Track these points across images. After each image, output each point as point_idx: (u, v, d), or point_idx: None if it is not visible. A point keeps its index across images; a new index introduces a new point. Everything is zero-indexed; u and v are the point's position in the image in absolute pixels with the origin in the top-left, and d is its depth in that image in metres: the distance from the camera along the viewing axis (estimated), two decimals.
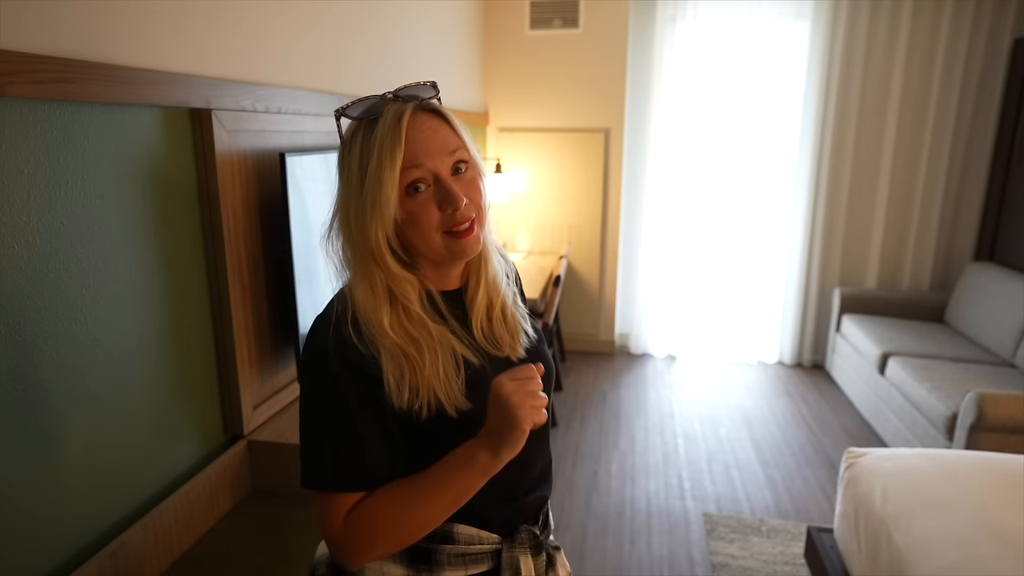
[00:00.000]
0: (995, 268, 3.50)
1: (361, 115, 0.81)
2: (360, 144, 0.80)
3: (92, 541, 1.18)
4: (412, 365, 0.79)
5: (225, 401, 1.55)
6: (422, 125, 0.80)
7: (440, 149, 0.80)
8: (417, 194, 0.80)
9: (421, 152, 0.79)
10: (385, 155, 0.77)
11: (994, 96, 3.70)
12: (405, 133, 0.78)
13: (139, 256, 1.27)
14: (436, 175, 0.80)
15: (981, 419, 2.39)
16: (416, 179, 0.79)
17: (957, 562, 1.46)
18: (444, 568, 0.84)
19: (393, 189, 0.78)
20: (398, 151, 0.77)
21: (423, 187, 0.80)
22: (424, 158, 0.79)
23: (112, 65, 1.15)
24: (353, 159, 0.80)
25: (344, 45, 2.11)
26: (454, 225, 0.80)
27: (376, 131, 0.78)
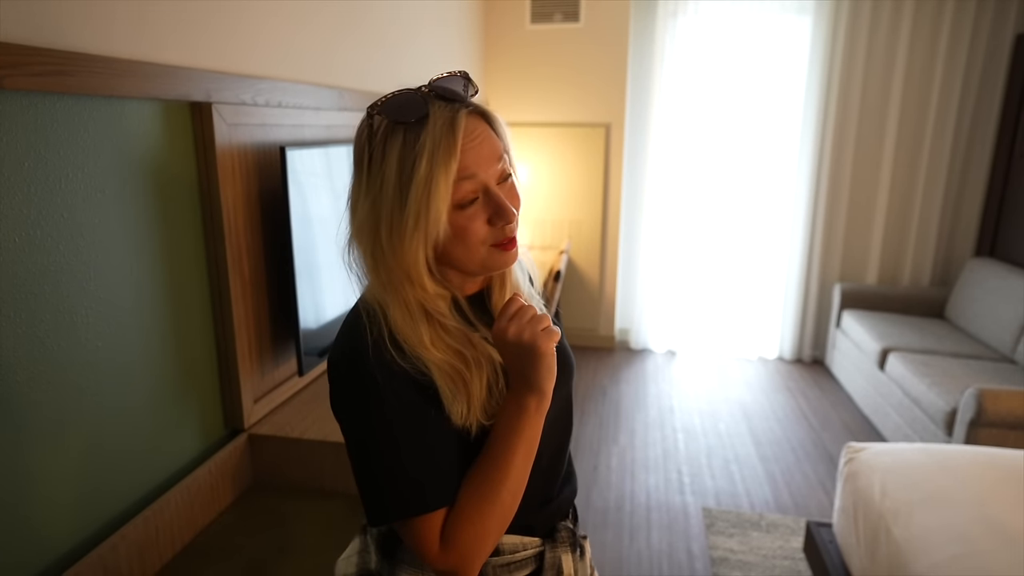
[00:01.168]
0: (996, 264, 3.50)
1: (401, 116, 0.71)
2: (400, 148, 0.70)
3: (93, 534, 1.18)
4: (463, 380, 0.74)
5: (226, 395, 1.55)
6: (474, 131, 0.72)
7: (490, 158, 0.73)
8: (466, 208, 0.73)
9: (473, 162, 0.71)
10: (438, 166, 0.69)
11: (995, 91, 3.69)
12: (460, 140, 0.70)
13: (140, 249, 1.27)
14: (486, 186, 0.73)
15: (981, 415, 2.40)
16: (468, 193, 0.72)
17: (956, 557, 1.46)
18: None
19: (445, 204, 0.70)
20: (453, 162, 0.69)
21: (472, 200, 0.73)
22: (477, 169, 0.72)
23: (112, 58, 1.15)
24: (389, 164, 0.70)
25: (345, 39, 2.11)
26: (503, 239, 0.75)
27: (424, 136, 0.69)
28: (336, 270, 1.89)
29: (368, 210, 0.73)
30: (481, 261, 0.76)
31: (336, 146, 1.83)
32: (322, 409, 1.74)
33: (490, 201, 0.74)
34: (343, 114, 2.04)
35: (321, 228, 1.77)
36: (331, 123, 1.96)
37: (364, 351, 0.72)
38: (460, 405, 0.74)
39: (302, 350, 1.66)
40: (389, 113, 0.72)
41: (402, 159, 0.70)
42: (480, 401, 0.75)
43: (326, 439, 1.58)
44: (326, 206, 1.80)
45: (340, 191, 1.89)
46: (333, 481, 1.59)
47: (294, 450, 1.59)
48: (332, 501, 1.55)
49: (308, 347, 1.70)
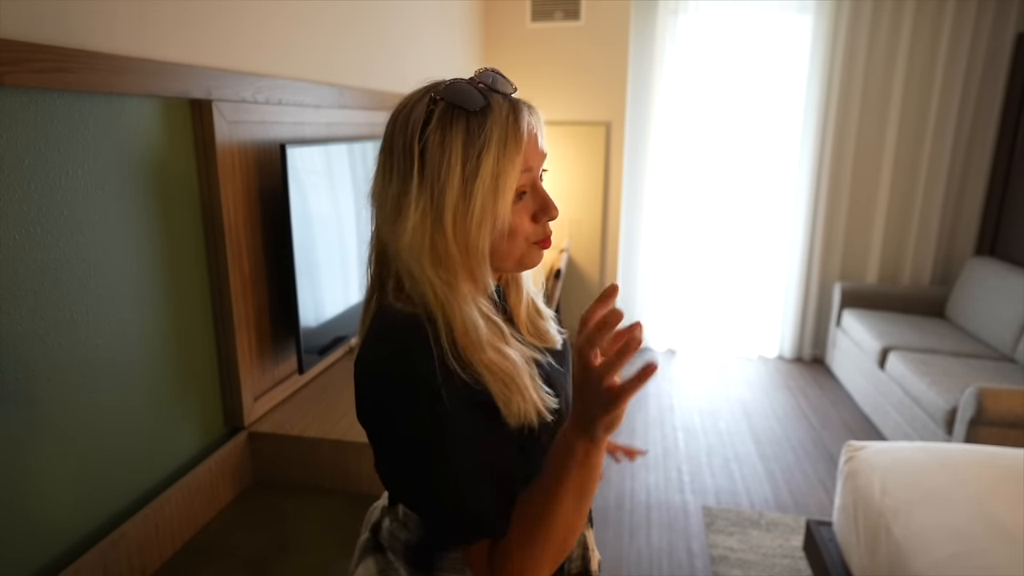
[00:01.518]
0: (996, 263, 3.50)
1: (466, 104, 0.69)
2: (463, 137, 0.68)
3: (94, 531, 1.18)
4: (512, 377, 0.71)
5: (226, 392, 1.55)
6: (532, 127, 0.72)
7: (541, 153, 0.73)
8: (519, 201, 0.72)
9: (531, 156, 0.71)
10: (507, 157, 0.68)
11: (996, 90, 3.69)
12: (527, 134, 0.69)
13: (140, 247, 1.27)
14: (534, 181, 0.73)
15: (981, 413, 2.40)
16: (523, 186, 0.71)
17: (956, 555, 1.46)
18: None
19: (511, 196, 0.69)
20: (519, 155, 0.68)
21: (523, 195, 0.73)
22: (533, 163, 0.72)
23: (113, 55, 1.15)
24: (453, 154, 0.68)
25: (345, 37, 2.10)
26: (544, 236, 0.75)
27: (489, 127, 0.68)
28: (337, 268, 1.89)
29: (426, 204, 0.69)
30: (519, 257, 0.75)
31: (336, 144, 1.83)
32: (322, 407, 1.74)
33: (537, 196, 0.74)
34: (343, 112, 2.04)
35: (322, 226, 1.77)
36: (331, 121, 1.96)
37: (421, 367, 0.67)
38: (517, 403, 0.70)
39: (302, 348, 1.66)
40: (453, 98, 0.69)
41: (466, 147, 0.68)
42: (531, 395, 0.72)
43: (326, 437, 1.58)
44: (327, 204, 1.80)
45: (341, 189, 1.89)
46: (333, 479, 1.59)
47: (294, 448, 1.59)
48: (332, 499, 1.55)
49: (308, 345, 1.70)
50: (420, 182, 0.69)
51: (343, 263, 1.94)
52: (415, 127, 0.70)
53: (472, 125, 0.68)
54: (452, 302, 0.70)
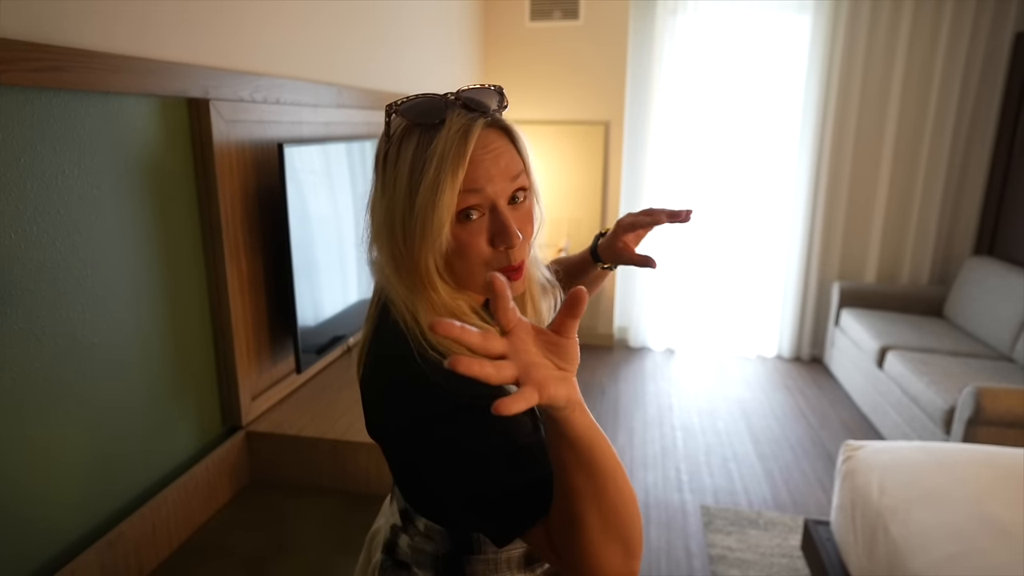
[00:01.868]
0: (994, 262, 3.50)
1: (419, 118, 0.70)
2: (414, 150, 0.69)
3: (90, 531, 1.18)
4: None
5: (223, 391, 1.55)
6: (489, 144, 0.69)
7: (503, 174, 0.70)
8: (468, 222, 0.70)
9: (483, 176, 0.68)
10: (445, 173, 0.66)
11: (995, 89, 3.69)
12: (471, 151, 0.67)
13: (136, 246, 1.26)
14: (493, 204, 0.70)
15: (979, 413, 2.40)
16: (471, 205, 0.69)
17: (953, 555, 1.46)
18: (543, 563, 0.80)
19: (448, 213, 0.67)
20: (460, 171, 0.67)
21: (475, 215, 0.70)
22: (485, 183, 0.69)
23: (110, 54, 1.15)
24: (403, 166, 0.69)
25: (344, 36, 2.10)
26: (505, 265, 0.71)
27: (437, 141, 0.67)
28: (335, 267, 1.89)
29: (384, 212, 0.72)
30: (483, 283, 0.72)
31: (335, 143, 1.83)
32: (320, 406, 1.74)
33: (495, 220, 0.70)
34: (342, 111, 2.04)
35: (320, 225, 1.77)
36: (329, 120, 1.96)
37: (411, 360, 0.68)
38: None
39: (300, 347, 1.66)
40: (407, 114, 0.70)
41: (414, 162, 0.68)
42: None
43: (324, 436, 1.58)
44: (325, 203, 1.80)
45: (339, 188, 1.89)
46: (331, 478, 1.59)
47: (292, 447, 1.59)
48: (330, 498, 1.55)
49: (306, 344, 1.70)
50: (382, 190, 0.72)
51: (341, 262, 1.94)
52: (383, 139, 0.73)
53: (423, 139, 0.69)
54: (415, 303, 0.71)
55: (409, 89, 2.72)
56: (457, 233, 0.70)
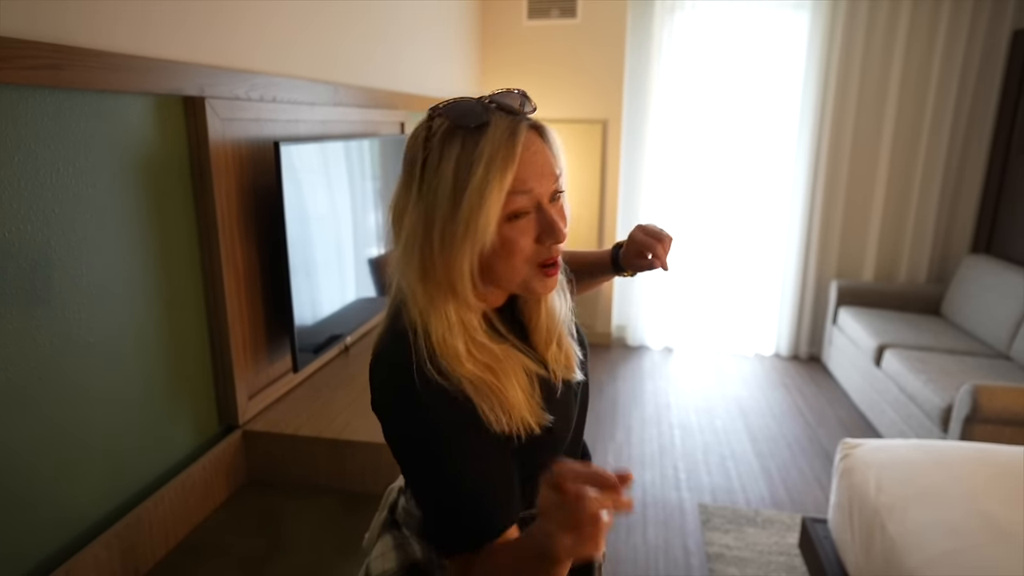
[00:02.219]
0: (992, 260, 3.50)
1: (462, 120, 0.71)
2: (458, 153, 0.69)
3: (86, 530, 1.18)
4: (495, 392, 0.72)
5: (220, 390, 1.55)
6: (531, 145, 0.72)
7: (546, 174, 0.73)
8: (516, 221, 0.72)
9: (530, 175, 0.71)
10: (494, 174, 0.68)
11: (992, 88, 3.69)
12: (519, 153, 0.69)
13: (132, 244, 1.26)
14: (539, 203, 0.73)
15: (976, 411, 2.40)
16: (521, 206, 0.71)
17: (949, 552, 1.46)
18: None
19: (496, 214, 0.69)
20: (509, 172, 0.69)
21: (524, 215, 0.72)
22: (534, 183, 0.71)
23: (105, 52, 1.14)
24: (446, 168, 0.70)
25: (341, 35, 2.10)
26: (548, 259, 0.74)
27: (483, 143, 0.69)
28: (333, 266, 1.88)
29: (419, 216, 0.72)
30: (523, 281, 0.75)
31: (332, 142, 1.83)
32: (317, 405, 1.74)
33: (542, 218, 0.73)
34: (338, 109, 2.03)
35: (318, 224, 1.76)
36: (326, 118, 1.96)
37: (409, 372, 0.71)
38: (498, 415, 0.72)
39: (297, 347, 1.65)
40: (451, 116, 0.71)
41: (459, 163, 0.69)
42: (519, 409, 0.73)
43: (321, 435, 1.58)
44: (322, 202, 1.80)
45: (337, 187, 1.89)
46: (328, 478, 1.59)
47: (289, 447, 1.59)
48: (327, 498, 1.55)
49: (303, 343, 1.70)
50: (418, 195, 0.72)
51: (340, 261, 1.94)
52: (419, 142, 0.73)
53: (468, 142, 0.69)
54: (430, 314, 0.73)
55: (407, 88, 2.71)
56: (505, 232, 0.71)
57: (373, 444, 1.55)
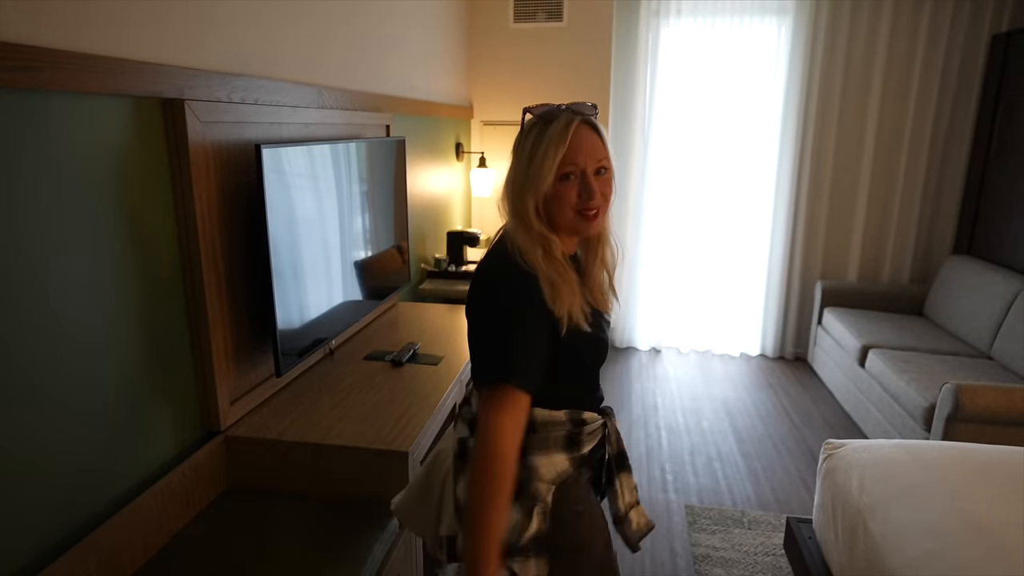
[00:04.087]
0: (973, 261, 3.55)
1: (540, 115, 1.08)
2: (535, 135, 1.07)
3: (63, 538, 1.16)
4: (556, 288, 1.06)
5: (201, 395, 1.53)
6: (582, 134, 1.07)
7: (590, 154, 1.07)
8: (567, 181, 1.07)
9: (578, 153, 1.06)
10: (551, 148, 1.05)
11: (972, 91, 3.74)
12: (571, 137, 1.05)
13: (110, 248, 1.24)
14: (583, 171, 1.07)
15: (958, 410, 2.42)
16: (568, 171, 1.06)
17: (930, 552, 1.47)
18: (584, 445, 1.16)
19: (551, 174, 1.05)
20: (561, 148, 1.05)
21: (572, 178, 1.07)
22: (578, 158, 1.06)
23: (81, 53, 1.13)
24: (527, 145, 1.07)
25: (325, 36, 2.08)
26: (585, 209, 1.07)
27: (549, 129, 1.05)
28: (320, 269, 1.87)
29: (512, 175, 1.10)
30: (570, 222, 1.09)
31: (316, 144, 1.81)
32: (301, 410, 1.73)
33: (583, 181, 1.07)
34: (322, 112, 2.02)
35: (303, 227, 1.75)
36: (309, 121, 1.94)
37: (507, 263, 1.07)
38: (554, 300, 1.05)
39: (280, 350, 1.64)
40: (535, 113, 1.09)
41: (535, 141, 1.06)
42: (568, 303, 1.06)
43: (304, 440, 1.57)
44: (307, 204, 1.78)
45: (323, 190, 1.87)
46: (311, 483, 1.58)
47: (272, 452, 1.57)
48: (310, 503, 1.54)
49: (287, 347, 1.68)
50: (514, 162, 1.10)
51: (325, 264, 1.92)
52: (520, 132, 1.11)
53: (541, 130, 1.06)
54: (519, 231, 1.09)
55: (393, 91, 2.70)
56: (558, 188, 1.07)
57: (358, 448, 1.54)
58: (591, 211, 1.08)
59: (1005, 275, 3.22)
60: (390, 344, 2.25)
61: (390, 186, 2.44)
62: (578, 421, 1.15)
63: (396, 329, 2.44)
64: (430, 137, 3.30)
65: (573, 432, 1.14)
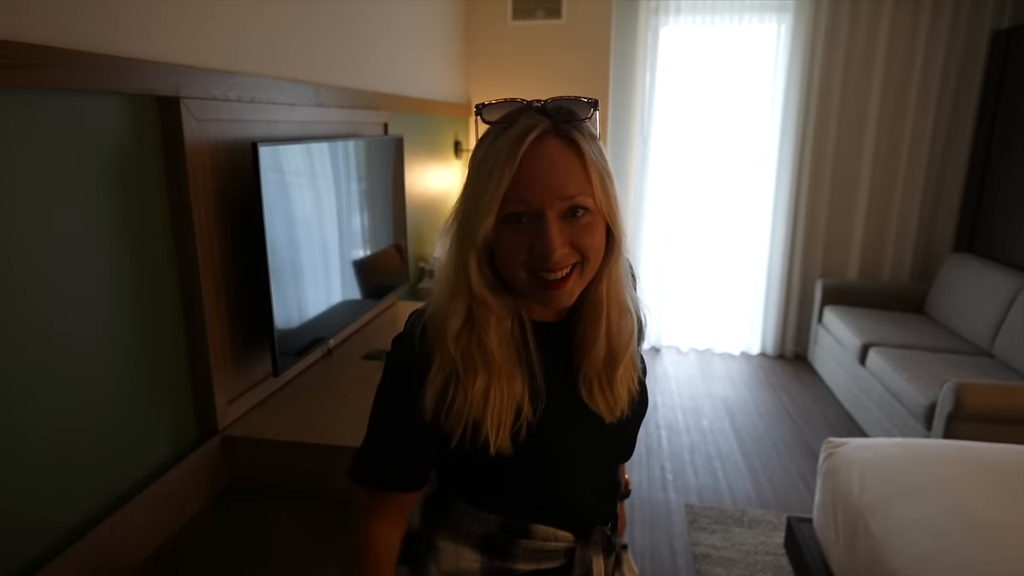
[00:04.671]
0: (974, 259, 3.54)
1: (496, 119, 0.72)
2: (484, 149, 0.72)
3: (58, 539, 1.15)
4: (460, 385, 0.73)
5: (198, 395, 1.52)
6: (545, 155, 0.69)
7: (554, 190, 0.69)
8: (516, 224, 0.71)
9: (529, 186, 0.69)
10: (494, 174, 0.69)
11: (973, 88, 3.73)
12: (520, 158, 0.68)
13: (106, 248, 1.23)
14: (541, 212, 0.70)
15: (959, 408, 2.42)
16: (515, 212, 0.70)
17: (931, 552, 1.47)
18: (518, 560, 0.83)
19: (491, 211, 0.70)
20: (507, 174, 0.68)
21: (524, 219, 0.71)
22: (529, 194, 0.69)
23: (74, 51, 1.12)
24: (474, 161, 0.73)
25: (322, 34, 2.07)
26: (541, 270, 0.71)
27: (499, 142, 0.70)
28: (318, 268, 1.86)
29: (460, 196, 0.76)
30: (524, 286, 0.74)
31: (313, 143, 1.80)
32: (299, 409, 1.72)
33: (537, 228, 0.70)
34: (319, 110, 2.01)
35: (300, 225, 1.74)
36: (307, 119, 1.93)
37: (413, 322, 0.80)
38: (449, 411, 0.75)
39: (278, 350, 1.63)
40: (488, 116, 0.73)
41: (483, 158, 0.72)
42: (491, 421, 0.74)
43: (303, 440, 1.56)
44: (304, 203, 1.77)
45: (321, 188, 1.86)
46: (310, 483, 1.57)
47: (270, 452, 1.57)
48: (309, 504, 1.53)
49: (285, 347, 1.67)
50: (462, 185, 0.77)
51: (324, 263, 1.91)
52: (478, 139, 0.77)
53: (494, 141, 0.71)
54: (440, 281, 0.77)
55: (390, 89, 2.69)
56: (501, 232, 0.72)
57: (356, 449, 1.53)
58: (551, 274, 0.71)
59: (1006, 272, 3.21)
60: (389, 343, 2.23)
61: (388, 184, 2.43)
62: (515, 529, 0.82)
63: (395, 328, 2.41)
64: (428, 135, 3.29)
65: (498, 538, 0.82)
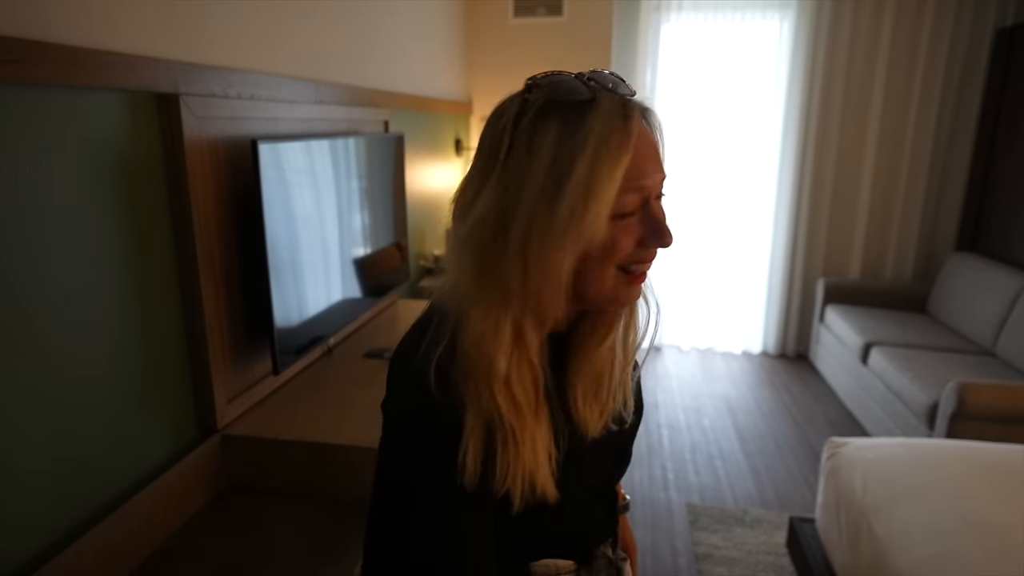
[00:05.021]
0: (976, 258, 3.52)
1: (564, 94, 0.60)
2: (558, 132, 0.58)
3: (57, 539, 1.15)
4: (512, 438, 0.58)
5: (197, 394, 1.51)
6: (643, 131, 0.61)
7: (657, 165, 0.62)
8: (623, 219, 0.61)
9: (642, 166, 0.59)
10: (606, 161, 0.56)
11: (976, 86, 3.71)
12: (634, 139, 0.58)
13: (104, 246, 1.23)
14: (648, 199, 0.62)
15: (962, 408, 2.41)
16: (630, 202, 0.60)
17: (935, 554, 1.46)
18: None
19: (608, 207, 0.58)
20: (624, 159, 0.57)
21: (632, 213, 0.61)
22: (644, 175, 0.60)
23: (72, 47, 1.11)
24: (542, 150, 0.58)
25: (322, 32, 2.06)
26: (637, 264, 0.63)
27: (591, 123, 0.57)
28: (318, 266, 1.85)
29: (493, 204, 0.59)
30: (610, 289, 0.63)
31: (313, 140, 1.79)
32: (299, 408, 1.71)
33: (648, 217, 0.62)
34: (319, 107, 2.00)
35: (299, 223, 1.73)
36: (307, 117, 1.92)
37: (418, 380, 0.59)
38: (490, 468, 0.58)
39: (277, 349, 1.62)
40: (550, 89, 0.60)
41: (560, 145, 0.57)
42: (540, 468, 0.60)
43: (302, 439, 1.55)
44: (305, 201, 1.76)
45: (321, 186, 1.86)
46: (310, 482, 1.56)
47: (270, 451, 1.56)
48: (308, 503, 1.52)
49: (285, 345, 1.66)
50: (499, 177, 0.60)
51: (324, 261, 1.90)
52: (507, 121, 0.61)
53: (569, 122, 0.58)
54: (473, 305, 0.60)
55: (391, 86, 2.68)
56: (610, 231, 0.60)
57: (357, 447, 1.53)
58: (645, 265, 0.65)
59: (1009, 272, 3.20)
60: (389, 342, 2.23)
61: (389, 182, 2.42)
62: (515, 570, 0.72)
63: (395, 327, 2.42)
64: (429, 133, 3.28)
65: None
